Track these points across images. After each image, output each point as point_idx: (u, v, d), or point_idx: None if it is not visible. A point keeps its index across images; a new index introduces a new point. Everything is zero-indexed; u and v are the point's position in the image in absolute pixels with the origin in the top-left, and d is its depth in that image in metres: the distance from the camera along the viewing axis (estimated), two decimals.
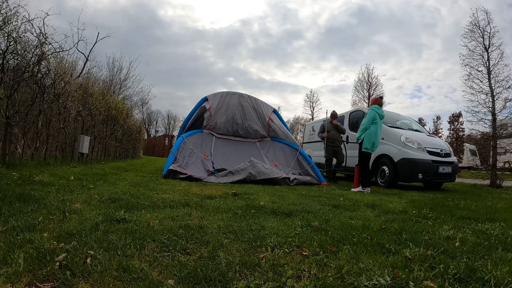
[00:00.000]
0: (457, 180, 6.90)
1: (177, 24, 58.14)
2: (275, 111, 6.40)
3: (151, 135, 40.26)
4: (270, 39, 56.91)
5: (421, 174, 5.25)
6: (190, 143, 5.41)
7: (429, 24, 41.45)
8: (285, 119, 8.29)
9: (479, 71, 7.20)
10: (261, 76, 59.30)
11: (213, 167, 5.07)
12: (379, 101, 4.79)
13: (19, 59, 4.08)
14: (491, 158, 7.48)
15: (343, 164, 6.48)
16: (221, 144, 5.83)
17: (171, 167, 4.57)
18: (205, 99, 5.96)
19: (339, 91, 52.96)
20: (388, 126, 6.06)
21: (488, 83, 7.00)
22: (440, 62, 44.57)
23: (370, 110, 4.60)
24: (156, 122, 45.35)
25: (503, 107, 6.83)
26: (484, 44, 7.16)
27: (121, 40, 42.46)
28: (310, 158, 6.02)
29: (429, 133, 7.04)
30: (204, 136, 5.80)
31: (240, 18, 63.97)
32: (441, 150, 5.67)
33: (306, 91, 69.29)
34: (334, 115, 6.59)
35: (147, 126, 41.30)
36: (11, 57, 3.99)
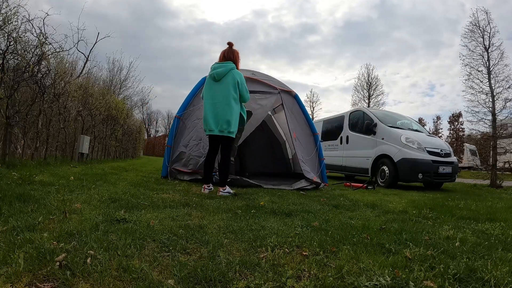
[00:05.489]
0: (457, 180, 6.90)
1: (183, 14, 56.15)
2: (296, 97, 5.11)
3: (151, 135, 40.29)
4: (282, 34, 55.03)
5: (421, 174, 5.25)
6: (190, 119, 4.50)
7: (452, 20, 39.85)
8: None
9: (479, 71, 7.20)
10: (271, 73, 57.78)
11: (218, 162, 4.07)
12: (220, 55, 3.31)
13: (19, 59, 4.08)
14: (491, 158, 7.48)
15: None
16: None
17: (169, 168, 4.34)
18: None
19: (349, 90, 52.46)
20: (388, 126, 6.06)
21: (488, 83, 7.01)
22: (457, 60, 43.96)
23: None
24: (156, 122, 45.45)
25: (503, 107, 6.84)
26: (484, 44, 7.16)
27: (121, 32, 41.34)
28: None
29: (429, 133, 7.05)
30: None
31: (254, 8, 61.95)
32: (441, 150, 5.67)
33: (315, 89, 68.75)
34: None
35: (147, 126, 41.35)
36: (11, 57, 3.98)
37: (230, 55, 3.21)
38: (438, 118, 27.06)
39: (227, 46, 3.29)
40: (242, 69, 4.98)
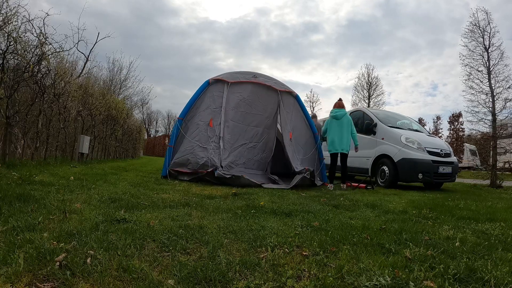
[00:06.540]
0: (457, 180, 6.89)
1: (184, 12, 55.50)
2: (297, 98, 5.41)
3: (151, 135, 40.23)
4: (285, 32, 54.22)
5: (421, 174, 5.25)
6: (192, 122, 4.66)
7: (456, 20, 38.86)
8: None
9: (479, 71, 7.20)
10: (273, 73, 54.48)
11: (220, 161, 4.21)
12: (336, 105, 5.23)
13: (19, 59, 4.08)
14: (491, 158, 7.48)
15: None
16: (234, 94, 4.85)
17: (169, 169, 4.36)
18: (208, 83, 4.92)
19: (352, 89, 51.80)
20: (388, 126, 6.06)
21: (488, 83, 7.00)
22: (460, 60, 43.72)
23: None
24: (156, 122, 45.36)
25: (503, 107, 6.83)
26: (484, 44, 7.16)
27: (121, 31, 40.75)
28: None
29: (429, 133, 7.05)
30: (209, 94, 4.83)
31: (256, 6, 60.35)
32: (441, 150, 5.67)
33: (318, 89, 68.22)
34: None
35: (147, 126, 41.31)
36: (11, 57, 3.99)
37: (342, 105, 5.13)
38: (438, 118, 27.00)
39: (339, 100, 5.22)
40: (244, 70, 5.27)
